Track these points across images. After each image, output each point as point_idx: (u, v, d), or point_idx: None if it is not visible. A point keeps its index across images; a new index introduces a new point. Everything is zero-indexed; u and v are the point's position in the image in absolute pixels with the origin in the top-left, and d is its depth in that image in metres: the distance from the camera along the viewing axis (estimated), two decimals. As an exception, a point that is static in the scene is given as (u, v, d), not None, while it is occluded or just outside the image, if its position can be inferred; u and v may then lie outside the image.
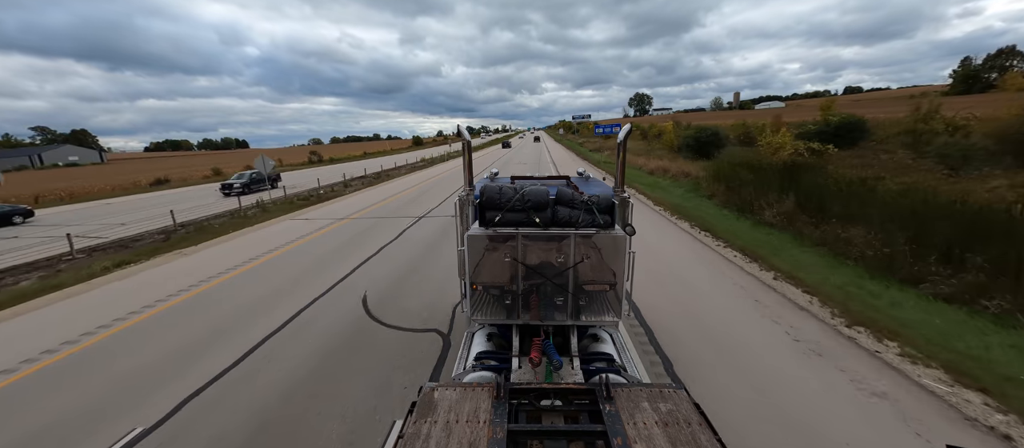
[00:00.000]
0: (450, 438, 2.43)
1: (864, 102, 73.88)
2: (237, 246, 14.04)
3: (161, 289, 10.01)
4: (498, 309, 4.08)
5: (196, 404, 5.58)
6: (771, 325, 7.02)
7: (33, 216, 23.98)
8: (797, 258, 9.92)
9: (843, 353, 6.13)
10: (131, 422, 5.26)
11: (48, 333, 7.95)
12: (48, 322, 8.55)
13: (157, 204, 26.84)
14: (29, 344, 7.50)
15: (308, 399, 5.55)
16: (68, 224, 20.43)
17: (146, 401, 5.69)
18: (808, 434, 4.66)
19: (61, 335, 7.81)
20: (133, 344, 7.36)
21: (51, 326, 8.31)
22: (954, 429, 4.64)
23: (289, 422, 5.13)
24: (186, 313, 8.51)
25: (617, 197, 4.24)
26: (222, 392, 5.81)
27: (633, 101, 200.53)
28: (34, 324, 8.50)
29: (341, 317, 7.94)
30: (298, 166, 59.78)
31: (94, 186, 41.64)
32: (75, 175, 64.60)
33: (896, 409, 4.98)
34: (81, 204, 30.60)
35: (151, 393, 5.87)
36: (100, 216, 23.57)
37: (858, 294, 7.85)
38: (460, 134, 4.83)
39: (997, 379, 5.31)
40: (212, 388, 5.91)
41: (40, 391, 6.08)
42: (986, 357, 5.78)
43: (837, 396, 5.25)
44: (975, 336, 6.28)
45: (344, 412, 5.26)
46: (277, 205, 22.26)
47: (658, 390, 2.84)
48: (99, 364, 6.74)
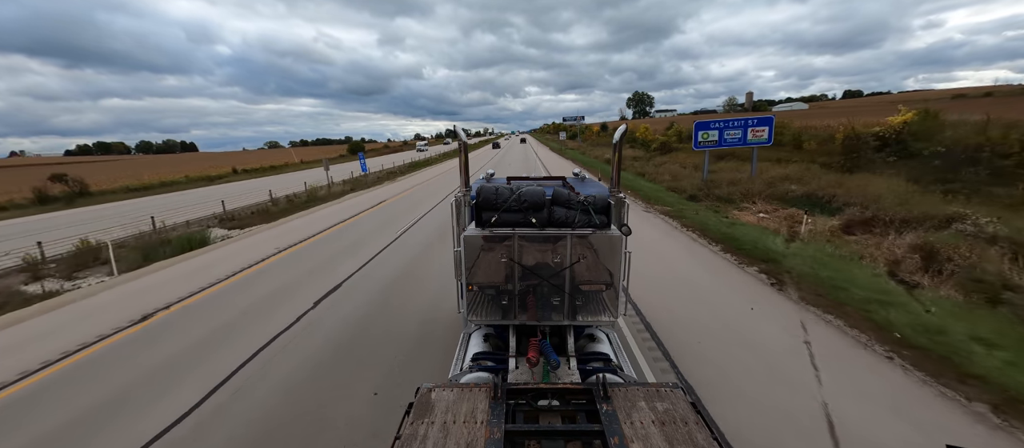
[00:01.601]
0: (447, 439, 2.42)
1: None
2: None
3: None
4: (494, 309, 4.08)
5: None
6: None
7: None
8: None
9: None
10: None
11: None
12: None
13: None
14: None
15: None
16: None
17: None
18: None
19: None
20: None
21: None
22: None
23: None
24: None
25: (613, 197, 4.26)
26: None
27: (631, 101, 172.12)
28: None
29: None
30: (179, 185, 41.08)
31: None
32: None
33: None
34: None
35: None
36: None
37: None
38: (457, 135, 4.87)
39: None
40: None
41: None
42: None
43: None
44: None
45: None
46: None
47: (655, 389, 2.86)
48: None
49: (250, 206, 22.71)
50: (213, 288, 9.94)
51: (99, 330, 7.95)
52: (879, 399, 5.09)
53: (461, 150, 4.80)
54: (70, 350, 7.23)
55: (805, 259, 9.45)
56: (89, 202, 31.36)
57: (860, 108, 60.40)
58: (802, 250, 10.09)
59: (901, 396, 5.13)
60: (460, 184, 4.81)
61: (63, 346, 7.37)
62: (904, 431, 4.57)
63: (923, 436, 4.46)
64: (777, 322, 7.05)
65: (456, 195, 4.76)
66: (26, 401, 5.91)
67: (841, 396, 5.13)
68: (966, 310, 6.94)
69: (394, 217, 17.79)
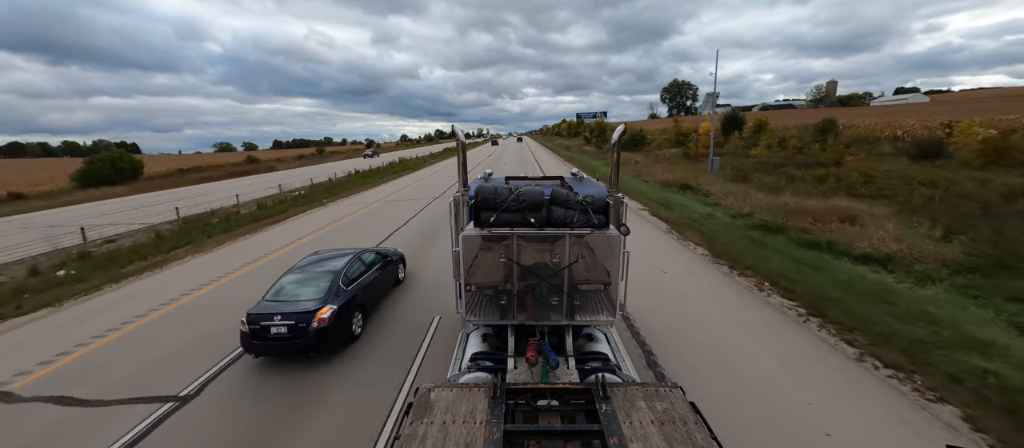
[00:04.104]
0: (447, 439, 2.42)
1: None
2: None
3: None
4: (493, 309, 4.08)
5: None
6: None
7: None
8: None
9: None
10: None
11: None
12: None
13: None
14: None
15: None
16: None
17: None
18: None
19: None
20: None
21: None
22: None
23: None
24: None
25: (611, 197, 4.27)
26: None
27: (667, 94, 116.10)
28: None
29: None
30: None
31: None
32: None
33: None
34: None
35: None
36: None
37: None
38: (454, 134, 4.89)
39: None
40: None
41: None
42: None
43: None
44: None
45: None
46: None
47: (654, 389, 2.86)
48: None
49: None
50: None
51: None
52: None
53: (459, 149, 4.82)
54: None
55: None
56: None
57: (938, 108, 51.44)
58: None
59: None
60: (458, 183, 4.82)
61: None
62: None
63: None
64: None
65: (454, 195, 4.77)
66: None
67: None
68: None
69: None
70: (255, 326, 6.19)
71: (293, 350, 6.20)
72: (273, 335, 6.16)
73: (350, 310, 6.83)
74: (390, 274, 8.74)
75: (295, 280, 7.10)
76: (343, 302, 6.70)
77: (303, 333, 6.15)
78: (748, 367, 5.85)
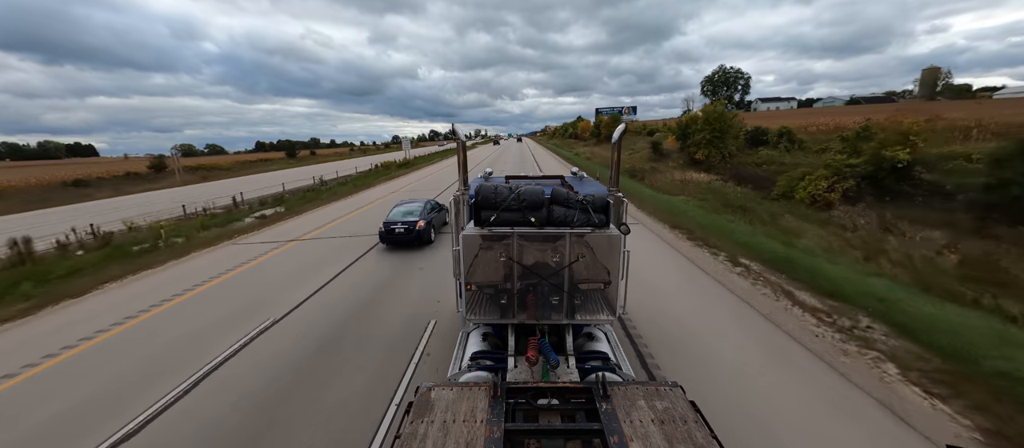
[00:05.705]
0: (447, 438, 2.42)
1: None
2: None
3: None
4: (493, 309, 4.08)
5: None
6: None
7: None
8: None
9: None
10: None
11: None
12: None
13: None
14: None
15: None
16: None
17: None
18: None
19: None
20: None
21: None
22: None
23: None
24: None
25: (611, 196, 4.28)
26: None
27: (708, 85, 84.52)
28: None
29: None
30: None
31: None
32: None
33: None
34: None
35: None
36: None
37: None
38: (454, 134, 4.92)
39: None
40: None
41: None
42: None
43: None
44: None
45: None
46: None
47: (654, 388, 2.86)
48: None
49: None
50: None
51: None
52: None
53: (459, 149, 4.85)
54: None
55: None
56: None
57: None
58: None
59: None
60: (459, 183, 4.84)
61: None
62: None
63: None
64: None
65: (455, 194, 4.78)
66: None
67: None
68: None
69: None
70: (387, 228, 12.44)
71: (403, 241, 12.40)
72: (396, 233, 12.37)
73: (430, 226, 13.04)
74: (442, 216, 14.52)
75: (403, 210, 13.46)
76: (427, 221, 12.87)
77: (411, 232, 12.32)
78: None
